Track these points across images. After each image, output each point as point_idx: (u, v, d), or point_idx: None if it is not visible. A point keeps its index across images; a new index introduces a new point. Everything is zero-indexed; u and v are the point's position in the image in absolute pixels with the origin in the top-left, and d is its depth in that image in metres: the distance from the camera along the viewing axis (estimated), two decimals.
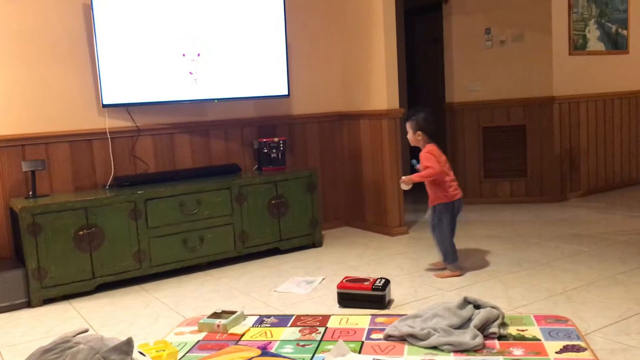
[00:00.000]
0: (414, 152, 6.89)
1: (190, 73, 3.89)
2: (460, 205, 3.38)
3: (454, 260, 3.35)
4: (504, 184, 5.42)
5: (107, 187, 3.74)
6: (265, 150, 4.17)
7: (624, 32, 5.77)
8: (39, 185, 3.56)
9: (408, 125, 3.40)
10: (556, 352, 2.20)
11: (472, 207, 5.29)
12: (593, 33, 5.50)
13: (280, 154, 4.19)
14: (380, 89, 4.34)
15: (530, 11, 5.17)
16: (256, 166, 4.34)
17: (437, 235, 3.39)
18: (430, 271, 3.44)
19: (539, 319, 2.55)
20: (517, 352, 2.23)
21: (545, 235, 4.13)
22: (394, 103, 4.34)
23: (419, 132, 3.35)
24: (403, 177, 3.30)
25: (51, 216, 3.22)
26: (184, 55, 3.85)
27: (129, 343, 1.63)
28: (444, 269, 3.40)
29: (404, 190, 4.51)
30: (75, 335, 1.74)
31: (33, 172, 3.46)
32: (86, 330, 1.80)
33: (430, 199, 3.39)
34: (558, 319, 2.54)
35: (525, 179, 5.37)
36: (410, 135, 3.39)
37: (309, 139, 4.65)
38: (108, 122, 3.80)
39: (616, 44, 5.72)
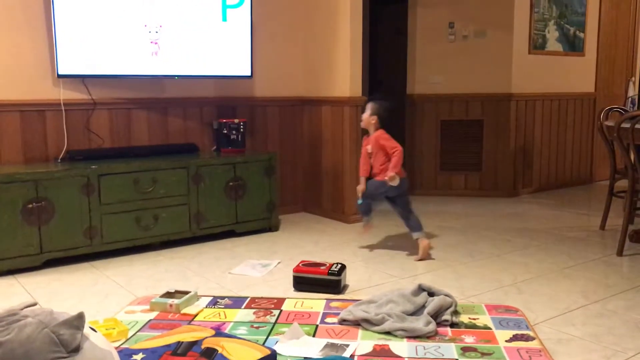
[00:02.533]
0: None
1: (152, 43, 3.79)
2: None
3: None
4: (459, 177, 5.51)
5: (59, 161, 3.62)
6: (225, 131, 4.11)
7: (582, 34, 5.93)
8: None
9: (369, 106, 3.56)
10: (506, 341, 2.25)
11: (427, 198, 5.37)
12: (552, 34, 5.63)
13: (240, 136, 4.13)
14: (343, 76, 4.33)
15: (494, 8, 5.25)
16: (215, 147, 4.27)
17: (411, 210, 3.53)
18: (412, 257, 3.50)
19: (490, 308, 2.61)
20: (469, 339, 2.27)
21: (497, 229, 4.22)
22: (357, 91, 4.34)
23: (375, 117, 3.52)
24: (390, 175, 3.36)
25: None
26: (145, 26, 3.74)
27: (80, 317, 1.58)
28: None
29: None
30: (22, 309, 1.67)
31: None
32: (34, 304, 1.73)
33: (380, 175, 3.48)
34: (508, 309, 2.60)
35: (479, 173, 5.47)
36: (366, 115, 3.56)
37: (269, 122, 4.60)
38: (63, 93, 3.67)
39: (574, 45, 5.87)
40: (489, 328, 2.38)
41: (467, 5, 5.27)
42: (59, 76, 3.55)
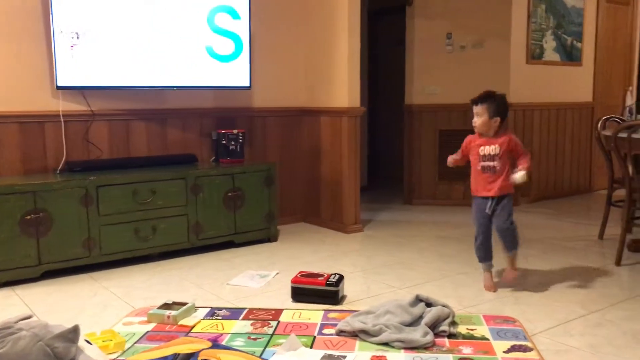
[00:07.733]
0: (373, 151, 6.90)
1: (151, 54, 3.80)
2: None
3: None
4: (457, 186, 5.51)
5: (57, 172, 3.62)
6: (224, 142, 4.12)
7: (579, 44, 5.95)
8: None
9: (483, 108, 2.98)
10: (504, 352, 2.24)
11: (426, 208, 5.37)
12: (550, 44, 5.65)
13: (238, 146, 4.14)
14: (342, 86, 4.34)
15: (491, 19, 5.27)
16: (214, 157, 4.28)
17: (512, 225, 3.08)
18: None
19: (488, 319, 2.60)
20: (466, 350, 2.26)
21: (496, 238, 4.20)
22: (355, 101, 4.35)
23: (497, 119, 2.95)
24: (525, 172, 2.92)
25: None
26: (144, 37, 3.76)
27: (75, 330, 1.58)
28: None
29: (361, 189, 4.56)
30: (17, 322, 1.68)
31: None
32: (30, 317, 1.74)
33: (499, 188, 3.05)
34: (506, 320, 2.59)
35: None
36: (483, 120, 2.99)
37: (268, 132, 4.61)
38: (62, 105, 3.68)
39: (571, 55, 5.89)
40: (487, 339, 2.37)
41: (465, 16, 5.30)
42: (58, 88, 3.56)
